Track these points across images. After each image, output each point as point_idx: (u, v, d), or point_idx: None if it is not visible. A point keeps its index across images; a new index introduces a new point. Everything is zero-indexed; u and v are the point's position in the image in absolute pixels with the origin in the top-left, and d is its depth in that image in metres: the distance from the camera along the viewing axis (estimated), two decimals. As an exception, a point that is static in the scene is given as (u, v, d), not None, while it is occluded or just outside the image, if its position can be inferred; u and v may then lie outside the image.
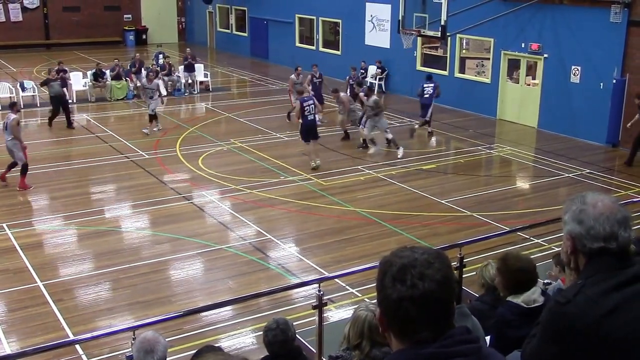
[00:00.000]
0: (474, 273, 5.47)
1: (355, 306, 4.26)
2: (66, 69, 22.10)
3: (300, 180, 14.80)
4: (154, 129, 18.55)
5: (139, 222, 12.74)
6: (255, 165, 15.95)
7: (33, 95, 22.27)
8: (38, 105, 21.83)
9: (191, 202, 13.53)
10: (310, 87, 19.53)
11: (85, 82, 23.61)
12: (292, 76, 20.50)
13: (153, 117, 18.73)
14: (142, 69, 24.47)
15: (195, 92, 24.89)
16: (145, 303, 9.38)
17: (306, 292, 8.90)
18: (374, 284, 1.94)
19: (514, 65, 20.74)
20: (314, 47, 29.22)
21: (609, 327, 2.09)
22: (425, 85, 18.69)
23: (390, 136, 16.72)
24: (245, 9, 33.96)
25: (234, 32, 35.55)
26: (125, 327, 6.90)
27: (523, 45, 19.85)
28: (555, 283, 5.21)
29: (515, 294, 4.35)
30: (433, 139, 18.70)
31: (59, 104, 19.53)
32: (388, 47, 24.84)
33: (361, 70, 25.48)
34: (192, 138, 18.41)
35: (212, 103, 23.51)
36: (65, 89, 20.46)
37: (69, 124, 19.41)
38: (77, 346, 7.89)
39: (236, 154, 16.77)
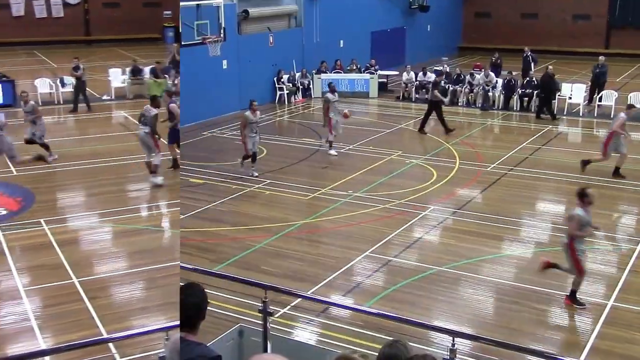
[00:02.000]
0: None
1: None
2: (81, 65, 21.47)
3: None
4: (49, 158, 15.21)
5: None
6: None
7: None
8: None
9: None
10: None
11: (124, 79, 23.80)
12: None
13: (45, 146, 15.73)
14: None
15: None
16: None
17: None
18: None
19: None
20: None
21: None
22: None
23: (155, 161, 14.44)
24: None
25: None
26: (158, 327, 6.86)
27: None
28: None
29: None
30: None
31: None
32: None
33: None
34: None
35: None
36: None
37: None
38: (110, 344, 7.94)
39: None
